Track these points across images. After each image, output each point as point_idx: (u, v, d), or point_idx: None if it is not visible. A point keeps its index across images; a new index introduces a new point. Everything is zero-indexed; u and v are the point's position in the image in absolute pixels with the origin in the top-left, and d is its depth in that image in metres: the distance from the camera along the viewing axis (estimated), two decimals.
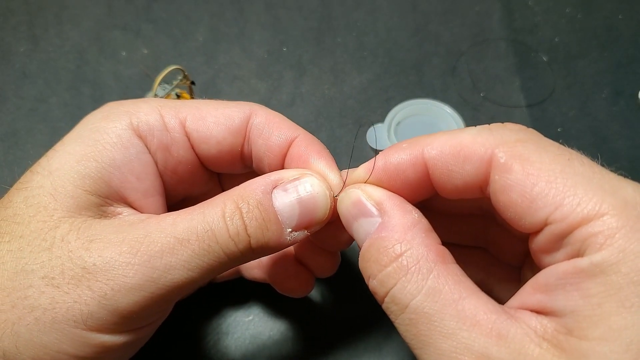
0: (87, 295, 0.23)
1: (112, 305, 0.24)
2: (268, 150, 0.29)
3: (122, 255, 0.24)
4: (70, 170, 0.26)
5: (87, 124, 0.28)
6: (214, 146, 0.29)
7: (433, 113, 0.50)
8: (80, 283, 0.24)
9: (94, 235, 0.24)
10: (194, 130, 0.29)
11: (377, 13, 0.57)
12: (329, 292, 0.41)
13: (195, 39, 0.55)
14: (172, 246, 0.24)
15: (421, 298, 0.22)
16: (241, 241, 0.25)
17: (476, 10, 0.57)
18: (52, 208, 0.25)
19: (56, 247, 0.24)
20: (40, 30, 0.56)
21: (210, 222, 0.25)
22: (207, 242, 0.24)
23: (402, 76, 0.53)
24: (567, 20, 0.57)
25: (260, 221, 0.25)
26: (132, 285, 0.24)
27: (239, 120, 0.29)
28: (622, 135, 0.49)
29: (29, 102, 0.51)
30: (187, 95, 0.48)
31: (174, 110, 0.29)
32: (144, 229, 0.25)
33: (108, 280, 0.23)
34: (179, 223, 0.25)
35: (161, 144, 0.28)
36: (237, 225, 0.25)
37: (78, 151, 0.26)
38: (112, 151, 0.27)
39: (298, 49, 0.55)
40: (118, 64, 0.53)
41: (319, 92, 0.52)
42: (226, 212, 0.25)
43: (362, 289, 0.40)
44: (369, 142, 0.48)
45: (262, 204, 0.26)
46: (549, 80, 0.52)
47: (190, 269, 0.24)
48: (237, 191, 0.26)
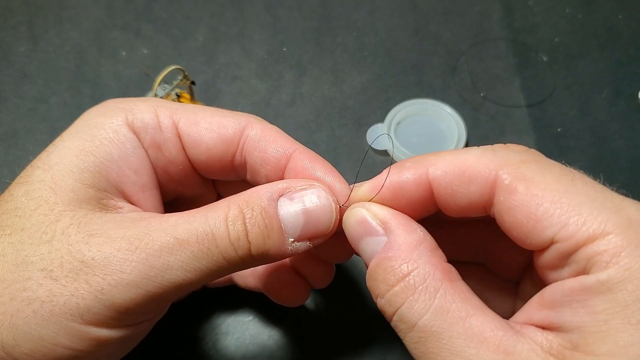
0: (84, 289, 0.24)
1: (109, 300, 0.24)
2: (265, 162, 0.29)
3: (120, 252, 0.24)
4: (69, 164, 0.26)
5: (84, 120, 0.28)
6: (203, 152, 0.29)
7: (433, 113, 0.50)
8: (78, 277, 0.24)
9: (94, 230, 0.25)
10: (186, 134, 0.29)
11: (377, 13, 0.57)
12: (329, 294, 0.41)
13: (195, 39, 0.55)
14: (171, 246, 0.24)
15: (429, 317, 0.23)
16: (241, 247, 0.25)
17: (476, 10, 0.57)
18: (52, 201, 0.25)
19: (56, 240, 0.24)
20: (40, 30, 0.56)
21: (212, 225, 0.25)
22: (206, 245, 0.24)
23: (402, 76, 0.53)
24: (567, 20, 0.57)
25: (262, 228, 0.25)
26: (128, 281, 0.24)
27: (232, 130, 0.29)
28: (622, 135, 0.49)
29: (29, 101, 0.51)
30: (187, 95, 0.48)
31: (170, 111, 0.29)
32: (145, 227, 0.25)
33: (105, 275, 0.24)
34: (181, 224, 0.25)
35: (153, 142, 0.29)
36: (238, 231, 0.25)
37: (76, 146, 0.27)
38: (109, 146, 0.27)
39: (298, 49, 0.55)
40: (118, 64, 0.53)
41: (319, 92, 0.52)
42: (229, 216, 0.25)
43: (361, 293, 0.40)
44: (369, 142, 0.48)
45: (267, 211, 0.26)
46: (549, 80, 0.52)
47: (188, 271, 0.24)
48: (242, 196, 0.26)
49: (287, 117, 0.50)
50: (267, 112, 0.50)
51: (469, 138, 0.48)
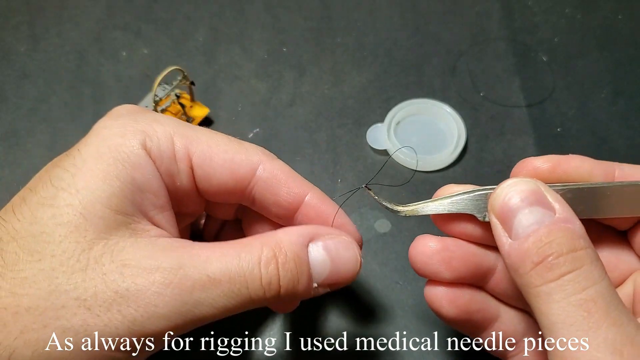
0: (117, 320, 0.24)
1: (140, 331, 0.24)
2: (277, 204, 0.31)
3: (154, 285, 0.24)
4: (97, 189, 0.26)
5: (104, 139, 0.28)
6: (214, 185, 0.30)
7: (433, 112, 0.50)
8: (111, 307, 0.24)
9: (127, 260, 0.25)
10: (199, 167, 0.30)
11: (377, 13, 0.57)
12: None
13: (195, 39, 0.55)
14: (203, 283, 0.25)
15: (601, 286, 0.23)
16: (272, 290, 0.26)
17: (476, 11, 0.57)
18: (83, 228, 0.25)
19: (90, 269, 0.24)
20: (40, 30, 0.56)
21: (245, 268, 0.25)
22: (237, 286, 0.25)
23: (402, 76, 0.53)
24: (567, 20, 0.57)
25: (294, 273, 0.26)
26: (160, 315, 0.24)
27: (245, 170, 0.30)
28: (622, 135, 0.49)
29: (30, 101, 0.51)
30: (187, 96, 0.48)
31: (186, 140, 0.29)
32: (177, 259, 0.25)
33: (138, 307, 0.24)
34: (213, 261, 0.25)
35: (167, 171, 0.29)
36: (271, 275, 0.26)
37: (102, 169, 0.26)
38: (132, 170, 0.27)
39: (298, 49, 0.55)
40: (118, 64, 0.53)
41: (319, 92, 0.52)
42: (262, 259, 0.26)
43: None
44: (369, 141, 0.48)
45: (299, 257, 0.27)
46: (548, 80, 0.52)
47: (216, 308, 0.25)
48: (274, 238, 0.27)
49: (287, 117, 0.50)
50: (267, 112, 0.50)
51: (468, 138, 0.48)
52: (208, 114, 0.49)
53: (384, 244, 0.43)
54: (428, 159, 0.47)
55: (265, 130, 0.49)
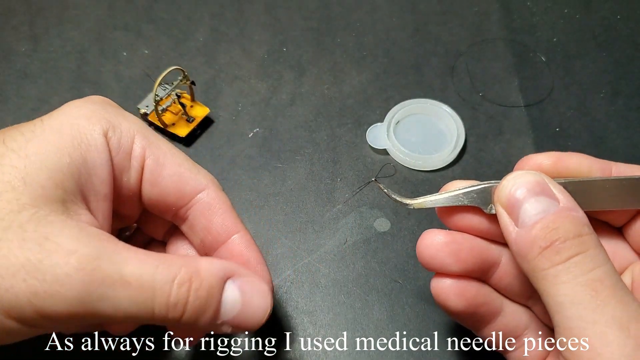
0: (19, 288, 0.24)
1: (39, 306, 0.24)
2: (205, 230, 0.31)
3: (67, 266, 0.24)
4: (46, 159, 0.26)
5: (69, 116, 0.28)
6: (156, 193, 0.31)
7: (432, 112, 0.50)
8: (18, 273, 0.24)
9: (51, 235, 0.25)
10: (149, 171, 0.30)
11: (377, 13, 0.57)
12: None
13: (195, 39, 0.55)
14: (114, 281, 0.24)
15: (607, 267, 0.24)
16: (176, 311, 0.25)
17: (475, 11, 0.58)
18: (20, 191, 0.25)
19: (11, 231, 0.24)
20: (41, 30, 0.56)
21: (158, 280, 0.25)
22: (144, 296, 0.25)
23: (402, 76, 0.53)
24: (566, 20, 0.57)
25: (202, 303, 0.26)
26: (62, 296, 0.24)
27: (190, 188, 0.31)
28: (620, 135, 0.49)
29: (31, 102, 0.51)
30: (188, 96, 0.49)
31: (146, 142, 0.30)
32: (97, 249, 0.25)
33: (44, 282, 0.24)
34: (131, 264, 0.25)
35: (119, 164, 0.29)
36: (180, 297, 0.25)
37: (56, 142, 0.27)
38: (86, 151, 0.28)
39: (298, 49, 0.55)
40: (119, 64, 0.54)
41: (319, 92, 0.52)
42: (177, 278, 0.25)
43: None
44: (368, 141, 0.48)
45: (214, 289, 0.26)
46: (547, 80, 0.53)
47: (117, 309, 0.25)
48: (195, 263, 0.26)
49: (287, 116, 0.50)
50: (267, 112, 0.50)
51: (467, 137, 0.48)
52: (208, 114, 0.49)
53: (384, 242, 0.43)
54: (427, 158, 0.47)
55: (265, 130, 0.49)
